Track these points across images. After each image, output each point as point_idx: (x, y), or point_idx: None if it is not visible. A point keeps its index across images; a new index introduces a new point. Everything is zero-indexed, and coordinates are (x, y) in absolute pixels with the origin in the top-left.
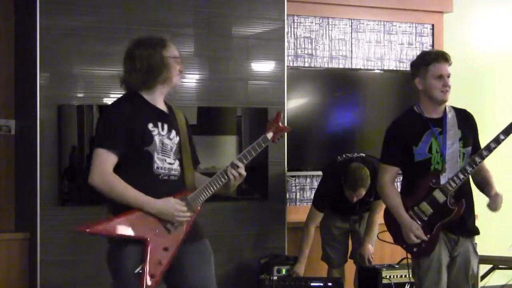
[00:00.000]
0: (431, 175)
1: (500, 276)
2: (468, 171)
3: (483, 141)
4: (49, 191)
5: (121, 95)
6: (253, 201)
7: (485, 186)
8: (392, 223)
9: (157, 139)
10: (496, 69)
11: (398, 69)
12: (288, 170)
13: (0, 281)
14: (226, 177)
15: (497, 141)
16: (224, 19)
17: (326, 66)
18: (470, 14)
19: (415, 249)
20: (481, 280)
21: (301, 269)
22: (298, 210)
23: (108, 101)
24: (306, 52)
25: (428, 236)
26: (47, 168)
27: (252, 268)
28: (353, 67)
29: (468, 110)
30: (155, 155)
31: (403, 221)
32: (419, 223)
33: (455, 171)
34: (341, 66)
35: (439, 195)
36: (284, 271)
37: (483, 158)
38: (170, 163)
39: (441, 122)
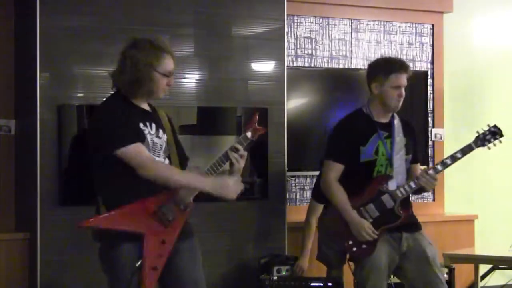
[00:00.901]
0: (381, 178)
1: (500, 276)
2: (420, 183)
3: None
4: (49, 191)
5: (110, 95)
6: (253, 201)
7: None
8: (333, 223)
9: (148, 137)
10: (496, 69)
11: None
12: (288, 170)
13: (0, 281)
14: (225, 162)
15: (453, 158)
16: (224, 19)
17: (326, 66)
18: (470, 14)
19: (354, 249)
20: (481, 280)
21: (305, 263)
22: (298, 210)
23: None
24: (306, 52)
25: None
26: (47, 168)
27: (252, 268)
28: (353, 67)
29: (468, 109)
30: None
31: (352, 219)
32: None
33: (402, 176)
34: (341, 66)
35: (387, 200)
36: (284, 271)
37: (437, 172)
38: (161, 160)
39: (388, 127)
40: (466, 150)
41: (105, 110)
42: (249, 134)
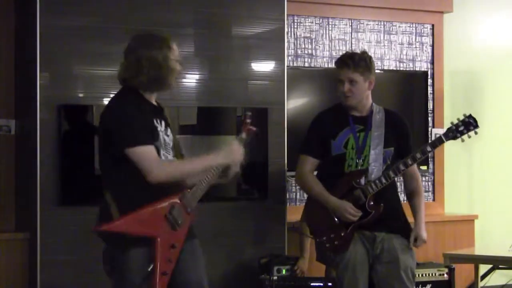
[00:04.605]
0: (354, 173)
1: (500, 276)
2: (391, 177)
3: (479, 143)
4: (49, 191)
5: (120, 90)
6: (253, 201)
7: (413, 211)
8: (312, 215)
9: (160, 135)
10: (496, 69)
11: (398, 69)
12: (288, 170)
13: (0, 281)
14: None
15: (423, 152)
16: (224, 19)
17: (326, 66)
18: (470, 14)
19: (328, 245)
20: (481, 280)
21: (305, 265)
22: (298, 210)
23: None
24: (306, 52)
25: (342, 234)
26: (47, 168)
27: (252, 268)
28: None
29: (468, 109)
30: (161, 151)
31: (333, 203)
32: (336, 220)
33: (378, 171)
34: None
35: (359, 196)
36: (284, 271)
37: (407, 166)
38: (171, 158)
39: (364, 120)
40: (436, 143)
41: (120, 105)
42: (243, 135)
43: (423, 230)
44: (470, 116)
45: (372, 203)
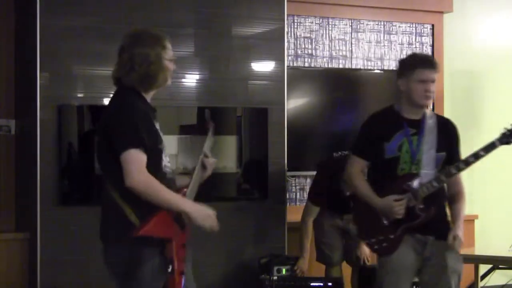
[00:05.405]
0: (407, 176)
1: (500, 276)
2: (443, 181)
3: (480, 143)
4: (49, 191)
5: (119, 91)
6: (253, 201)
7: (454, 216)
8: (360, 216)
9: (162, 137)
10: (496, 69)
11: None
12: (288, 170)
13: (0, 281)
14: (205, 167)
15: (476, 156)
16: (224, 19)
17: (326, 66)
18: (470, 14)
19: (376, 247)
20: (481, 280)
21: (305, 265)
22: (298, 210)
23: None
24: (306, 52)
25: (391, 236)
26: (47, 168)
27: (252, 268)
28: (353, 67)
29: (468, 109)
30: (163, 153)
31: (379, 204)
32: (385, 222)
33: (430, 175)
34: (341, 66)
35: (410, 199)
36: (284, 271)
37: (459, 170)
38: (168, 161)
39: (418, 124)
40: (490, 148)
41: (127, 105)
42: (210, 134)
43: (461, 232)
44: None
45: (422, 206)
